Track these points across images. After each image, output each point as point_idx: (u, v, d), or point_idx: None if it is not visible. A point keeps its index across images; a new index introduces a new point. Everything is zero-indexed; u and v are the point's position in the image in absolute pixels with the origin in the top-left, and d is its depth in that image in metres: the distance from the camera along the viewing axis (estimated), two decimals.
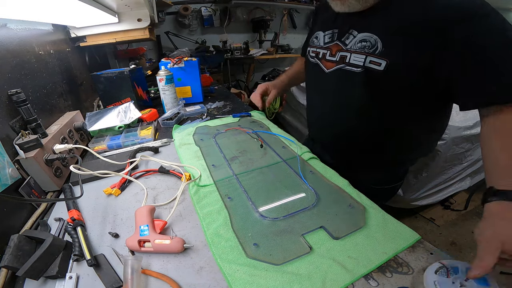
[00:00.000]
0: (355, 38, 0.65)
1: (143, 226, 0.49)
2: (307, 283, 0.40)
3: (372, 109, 0.69)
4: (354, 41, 0.66)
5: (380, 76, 0.61)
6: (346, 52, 0.67)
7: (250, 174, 0.68)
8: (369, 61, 0.62)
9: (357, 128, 0.73)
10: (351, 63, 0.66)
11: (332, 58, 0.71)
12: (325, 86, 0.77)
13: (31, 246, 0.48)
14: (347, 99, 0.72)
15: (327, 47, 0.73)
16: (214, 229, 0.51)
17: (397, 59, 0.59)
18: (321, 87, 0.80)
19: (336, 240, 0.47)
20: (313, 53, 0.79)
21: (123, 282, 0.42)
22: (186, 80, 1.26)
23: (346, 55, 0.67)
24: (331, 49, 0.72)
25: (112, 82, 1.10)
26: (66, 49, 1.09)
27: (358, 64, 0.64)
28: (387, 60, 0.59)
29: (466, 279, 0.38)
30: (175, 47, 2.58)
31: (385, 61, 0.60)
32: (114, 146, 0.88)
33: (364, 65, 0.63)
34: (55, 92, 0.90)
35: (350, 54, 0.66)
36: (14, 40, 0.74)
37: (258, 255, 0.45)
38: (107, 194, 0.64)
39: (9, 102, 0.65)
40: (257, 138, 0.87)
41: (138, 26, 1.20)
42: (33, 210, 0.61)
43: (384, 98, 0.66)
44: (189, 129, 0.97)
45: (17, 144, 0.61)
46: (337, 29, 0.71)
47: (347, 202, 0.56)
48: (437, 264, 0.40)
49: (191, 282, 0.42)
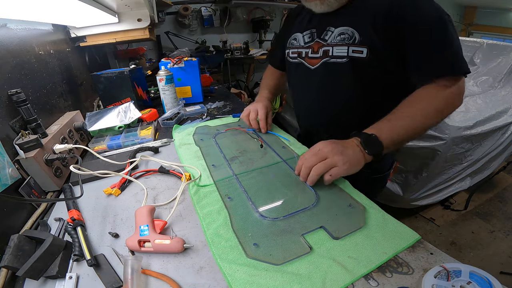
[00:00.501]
0: (333, 33, 0.72)
1: (143, 226, 0.49)
2: (307, 283, 0.40)
3: (358, 95, 0.74)
4: (333, 36, 0.72)
5: (364, 62, 0.68)
6: (328, 47, 0.73)
7: (250, 174, 0.68)
8: (352, 51, 0.68)
9: (343, 115, 0.77)
10: (335, 56, 0.72)
11: (316, 55, 0.76)
12: (312, 81, 0.81)
13: (31, 246, 0.48)
14: (334, 89, 0.77)
15: (309, 45, 0.78)
16: (214, 229, 0.51)
17: (374, 45, 0.66)
18: (307, 83, 0.83)
19: (336, 240, 0.47)
20: (293, 53, 0.84)
21: (123, 282, 0.42)
22: (186, 80, 1.26)
23: (329, 49, 0.73)
24: (313, 47, 0.77)
25: (112, 82, 1.10)
26: (66, 49, 1.09)
27: (342, 55, 0.70)
28: (367, 47, 0.66)
29: (468, 282, 0.38)
30: (175, 47, 2.58)
31: (365, 48, 0.67)
32: (114, 146, 0.88)
33: (348, 55, 0.69)
34: (55, 92, 0.90)
35: (332, 47, 0.72)
36: (14, 40, 0.74)
37: (258, 255, 0.45)
38: (107, 194, 0.64)
39: (9, 102, 0.65)
40: (257, 138, 0.87)
41: (138, 26, 1.20)
42: (33, 210, 0.61)
43: (369, 83, 0.72)
44: (189, 129, 0.97)
45: (17, 144, 0.61)
46: (314, 28, 0.77)
47: (347, 202, 0.56)
48: (438, 267, 0.40)
49: (191, 282, 0.42)
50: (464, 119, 1.45)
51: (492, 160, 1.80)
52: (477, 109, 1.53)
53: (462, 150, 1.51)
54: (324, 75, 0.76)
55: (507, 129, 1.65)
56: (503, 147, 1.72)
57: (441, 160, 1.49)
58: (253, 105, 0.92)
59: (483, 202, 1.98)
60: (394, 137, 0.60)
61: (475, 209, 1.93)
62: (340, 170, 0.56)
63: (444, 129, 1.42)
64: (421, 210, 1.90)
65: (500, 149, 1.73)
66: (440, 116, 0.64)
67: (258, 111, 0.90)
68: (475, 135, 1.47)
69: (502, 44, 1.97)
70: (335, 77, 0.75)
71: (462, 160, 1.59)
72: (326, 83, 0.78)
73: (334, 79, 0.75)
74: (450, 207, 1.93)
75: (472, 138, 1.48)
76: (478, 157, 1.64)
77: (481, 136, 1.52)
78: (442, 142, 1.43)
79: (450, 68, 0.62)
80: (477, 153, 1.62)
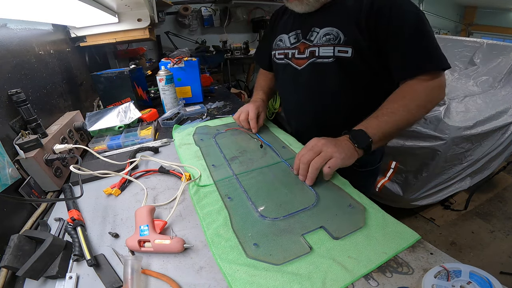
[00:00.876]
0: (318, 34, 0.74)
1: (143, 226, 0.49)
2: (307, 283, 0.40)
3: (345, 95, 0.77)
4: (318, 36, 0.74)
5: (350, 62, 0.70)
6: (314, 47, 0.75)
7: (250, 174, 0.68)
8: (338, 51, 0.71)
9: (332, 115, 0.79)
10: (321, 56, 0.74)
11: (302, 56, 0.78)
12: (299, 81, 0.82)
13: (31, 246, 0.48)
14: (321, 89, 0.79)
15: (295, 46, 0.80)
16: (214, 229, 0.51)
17: (359, 45, 0.68)
18: (295, 83, 0.85)
19: (336, 240, 0.47)
20: (280, 55, 0.86)
21: (123, 282, 0.42)
22: (186, 80, 1.26)
23: (315, 49, 0.75)
24: (299, 48, 0.79)
25: (112, 82, 1.10)
26: (66, 49, 1.09)
27: (328, 55, 0.72)
28: (352, 47, 0.69)
29: (468, 282, 0.38)
30: (175, 47, 2.58)
31: (350, 48, 0.69)
32: (114, 146, 0.88)
33: (334, 55, 0.71)
34: (55, 92, 0.90)
35: (318, 48, 0.74)
36: (14, 40, 0.74)
37: (258, 255, 0.45)
38: (107, 194, 0.64)
39: (9, 102, 0.65)
40: (257, 138, 0.87)
41: (138, 26, 1.20)
42: (33, 210, 0.61)
43: (356, 83, 0.74)
44: (189, 129, 0.97)
45: (17, 144, 0.61)
46: (299, 29, 0.79)
47: (347, 202, 0.56)
48: (438, 267, 0.40)
49: (191, 282, 0.42)
50: (464, 119, 1.45)
51: (492, 160, 1.80)
52: (477, 109, 1.53)
53: (462, 150, 1.51)
54: (311, 75, 0.78)
55: (507, 129, 1.65)
56: (503, 147, 1.72)
57: (441, 160, 1.49)
58: (245, 106, 0.93)
59: (483, 202, 1.98)
60: (380, 132, 0.64)
61: (475, 209, 1.93)
62: (337, 160, 0.58)
63: (444, 129, 1.42)
64: (421, 210, 1.90)
65: (500, 149, 1.73)
66: (422, 110, 0.67)
67: (249, 112, 0.90)
68: (475, 135, 1.47)
69: (502, 44, 1.97)
70: (322, 77, 0.77)
71: (462, 160, 1.59)
72: (313, 83, 0.79)
73: (321, 79, 0.77)
74: (450, 207, 1.93)
75: (472, 138, 1.48)
76: (478, 157, 1.64)
77: (481, 136, 1.52)
78: (442, 142, 1.43)
79: (430, 64, 0.64)
80: (477, 153, 1.61)
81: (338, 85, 0.76)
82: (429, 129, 1.46)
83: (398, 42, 0.65)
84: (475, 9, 5.02)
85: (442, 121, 1.41)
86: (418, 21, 0.64)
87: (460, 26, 5.14)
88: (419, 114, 0.67)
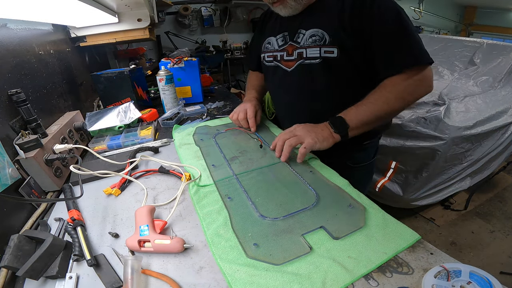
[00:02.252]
0: (305, 36, 0.76)
1: (143, 226, 0.49)
2: (307, 283, 0.40)
3: (333, 95, 0.79)
4: (304, 38, 0.76)
5: (336, 62, 0.72)
6: (301, 49, 0.77)
7: (250, 174, 0.68)
8: (324, 51, 0.73)
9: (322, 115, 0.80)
10: (309, 57, 0.76)
11: (291, 57, 0.80)
12: (289, 82, 0.84)
13: (31, 246, 0.48)
14: (311, 89, 0.81)
15: (283, 48, 0.82)
16: (214, 229, 0.51)
17: (344, 45, 0.70)
18: (285, 85, 0.86)
19: (336, 240, 0.47)
20: (269, 57, 0.87)
21: (123, 282, 0.42)
22: (186, 80, 1.26)
23: (302, 51, 0.76)
24: (287, 50, 0.81)
25: (112, 82, 1.10)
26: (66, 49, 1.09)
27: (315, 56, 0.74)
28: (337, 47, 0.71)
29: (468, 282, 0.38)
30: (175, 47, 2.58)
31: (335, 48, 0.71)
32: (114, 146, 0.88)
33: (321, 56, 0.73)
34: (55, 92, 0.90)
35: (305, 49, 0.76)
36: (14, 40, 0.74)
37: (258, 255, 0.45)
38: (107, 194, 0.64)
39: (9, 102, 0.65)
40: (257, 138, 0.87)
41: (138, 26, 1.20)
42: (33, 210, 0.61)
43: (343, 82, 0.77)
44: (189, 129, 0.97)
45: (17, 144, 0.61)
46: (286, 32, 0.81)
47: (347, 202, 0.56)
48: (438, 267, 0.40)
49: (191, 282, 0.42)
50: (464, 119, 1.45)
51: (492, 160, 1.80)
52: (477, 109, 1.53)
53: (462, 150, 1.51)
54: (300, 76, 0.80)
55: (507, 129, 1.65)
56: (503, 147, 1.72)
57: (441, 160, 1.49)
58: (241, 106, 0.93)
59: (483, 202, 1.98)
60: (358, 120, 0.69)
61: (475, 209, 1.93)
62: (311, 142, 0.66)
63: (444, 129, 1.42)
64: (421, 210, 1.90)
65: (500, 149, 1.73)
66: (402, 102, 0.70)
67: (247, 110, 0.90)
68: (475, 135, 1.47)
69: (502, 44, 1.97)
70: (310, 77, 0.78)
71: (462, 160, 1.59)
72: (303, 84, 0.81)
73: (310, 80, 0.79)
74: (450, 207, 1.93)
75: (472, 138, 1.48)
76: (478, 157, 1.64)
77: (481, 136, 1.52)
78: (442, 142, 1.43)
79: (413, 59, 0.67)
80: (477, 153, 1.61)
81: (326, 84, 0.78)
82: (429, 129, 1.46)
83: (379, 41, 0.68)
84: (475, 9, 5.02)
85: (442, 121, 1.41)
86: (398, 18, 0.66)
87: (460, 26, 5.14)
88: (398, 106, 0.71)
